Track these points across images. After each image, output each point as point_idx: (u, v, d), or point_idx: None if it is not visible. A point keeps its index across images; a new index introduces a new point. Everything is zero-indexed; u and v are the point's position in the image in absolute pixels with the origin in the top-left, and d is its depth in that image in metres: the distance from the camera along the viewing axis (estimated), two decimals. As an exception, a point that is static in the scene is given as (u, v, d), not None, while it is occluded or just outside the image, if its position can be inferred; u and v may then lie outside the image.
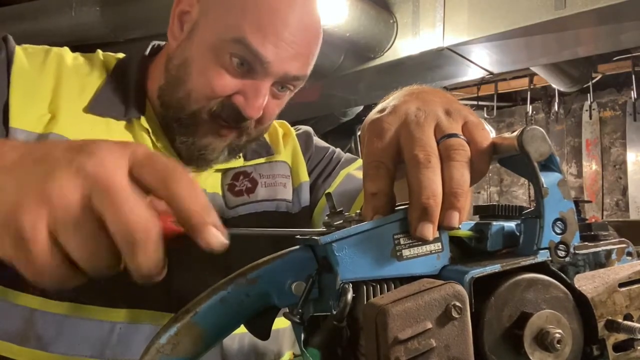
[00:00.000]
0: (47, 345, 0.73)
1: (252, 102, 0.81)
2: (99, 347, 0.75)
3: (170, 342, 0.45)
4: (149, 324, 0.77)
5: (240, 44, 0.78)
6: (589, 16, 2.22)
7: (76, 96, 0.81)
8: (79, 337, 0.75)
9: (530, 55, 2.83)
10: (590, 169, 4.44)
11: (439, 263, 0.46)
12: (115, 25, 2.48)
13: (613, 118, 4.39)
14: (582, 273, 0.47)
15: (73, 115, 0.79)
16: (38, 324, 0.73)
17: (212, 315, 0.46)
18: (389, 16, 2.75)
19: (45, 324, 0.74)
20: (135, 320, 0.77)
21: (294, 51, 0.81)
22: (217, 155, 0.86)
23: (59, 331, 0.74)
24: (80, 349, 0.75)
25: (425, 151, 0.47)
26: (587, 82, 4.10)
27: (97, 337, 0.75)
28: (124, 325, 0.76)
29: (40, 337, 0.73)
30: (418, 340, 0.39)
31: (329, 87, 3.31)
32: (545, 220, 0.46)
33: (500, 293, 0.43)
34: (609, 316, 0.45)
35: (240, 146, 0.88)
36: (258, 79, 0.81)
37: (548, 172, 0.47)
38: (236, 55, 0.79)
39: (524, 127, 0.47)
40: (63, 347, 0.74)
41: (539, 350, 0.42)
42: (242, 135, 0.86)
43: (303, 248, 0.48)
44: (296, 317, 0.46)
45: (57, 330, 0.74)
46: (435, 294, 0.40)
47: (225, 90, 0.80)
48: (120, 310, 0.77)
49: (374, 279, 0.45)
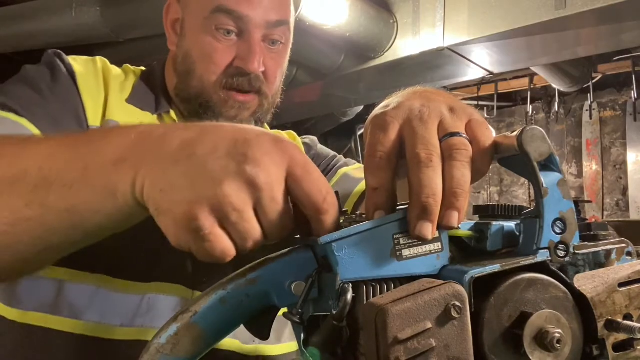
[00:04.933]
0: (80, 314, 0.78)
1: (249, 57, 0.90)
2: (130, 316, 0.80)
3: (170, 342, 0.45)
4: (175, 296, 0.82)
5: (219, 12, 0.89)
6: (589, 16, 2.22)
7: (119, 92, 0.93)
8: (109, 307, 0.79)
9: (530, 55, 2.83)
10: (591, 169, 4.44)
11: (439, 263, 0.46)
12: (115, 25, 2.48)
13: (613, 118, 4.39)
14: (582, 273, 0.47)
15: (119, 105, 0.90)
16: (70, 295, 0.79)
17: (211, 315, 0.46)
18: (389, 16, 2.75)
19: (77, 294, 0.79)
20: (163, 292, 0.82)
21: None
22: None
23: (91, 301, 0.79)
24: (111, 318, 0.79)
25: (428, 150, 0.47)
26: (587, 82, 4.10)
27: (128, 307, 0.80)
28: (153, 296, 0.81)
29: (72, 307, 0.78)
30: (418, 340, 0.39)
31: (329, 87, 3.31)
32: (545, 220, 0.46)
33: (500, 293, 0.43)
34: (609, 316, 0.45)
35: (263, 113, 0.97)
36: (246, 37, 0.91)
37: (548, 172, 0.47)
38: (221, 26, 0.90)
39: (524, 127, 0.47)
40: (95, 316, 0.79)
41: (539, 350, 0.42)
42: (261, 99, 0.94)
43: (303, 248, 0.48)
44: (296, 317, 0.46)
45: (88, 301, 0.79)
46: (435, 294, 0.40)
47: (224, 58, 0.91)
48: (150, 284, 0.81)
49: (373, 279, 0.45)
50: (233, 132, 0.47)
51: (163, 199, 0.45)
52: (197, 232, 0.44)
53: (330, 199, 0.47)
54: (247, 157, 0.44)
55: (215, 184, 0.44)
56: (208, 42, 0.91)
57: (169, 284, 0.82)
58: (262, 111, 0.96)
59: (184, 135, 0.47)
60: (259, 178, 0.44)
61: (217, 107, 0.92)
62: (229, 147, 0.45)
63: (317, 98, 3.45)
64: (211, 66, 0.91)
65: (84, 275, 0.79)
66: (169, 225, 0.45)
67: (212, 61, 0.91)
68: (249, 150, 0.45)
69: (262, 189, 0.44)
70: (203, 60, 0.92)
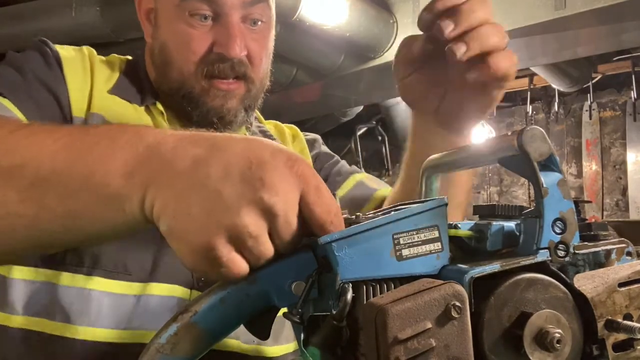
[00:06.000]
0: (74, 319, 0.76)
1: (229, 42, 0.85)
2: (126, 318, 0.78)
3: (170, 342, 0.45)
4: (174, 296, 0.81)
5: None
6: (589, 16, 2.22)
7: (104, 83, 0.89)
8: (104, 310, 0.77)
9: (530, 55, 2.83)
10: (590, 169, 4.44)
11: (439, 263, 0.46)
12: (115, 25, 2.48)
13: (613, 118, 4.39)
14: (582, 273, 0.47)
15: (104, 96, 0.87)
16: (63, 298, 0.76)
17: (211, 315, 0.46)
18: (389, 16, 2.75)
19: (70, 298, 0.77)
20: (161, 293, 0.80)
21: None
22: (234, 114, 0.90)
23: (85, 305, 0.77)
24: (107, 321, 0.77)
25: None
26: (587, 82, 4.10)
27: (123, 310, 0.78)
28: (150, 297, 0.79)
29: (65, 311, 0.76)
30: (418, 340, 0.39)
31: (329, 87, 3.31)
32: (545, 220, 0.46)
33: (499, 293, 0.43)
34: (609, 316, 0.45)
35: (252, 99, 0.92)
36: (223, 20, 0.85)
37: (548, 172, 0.47)
38: (195, 11, 0.85)
39: (524, 127, 0.47)
40: (89, 320, 0.76)
41: (539, 350, 0.42)
42: (248, 85, 0.90)
43: (303, 248, 0.48)
44: (296, 317, 0.46)
45: (83, 305, 0.77)
46: (435, 294, 0.40)
47: (202, 45, 0.86)
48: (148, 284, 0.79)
49: (373, 279, 0.45)
50: (246, 151, 0.45)
51: (177, 225, 0.44)
52: (214, 259, 0.44)
53: (337, 219, 0.47)
54: (264, 184, 0.43)
55: (232, 214, 0.43)
56: (182, 29, 0.85)
57: (167, 284, 0.81)
58: (250, 97, 0.91)
59: (194, 152, 0.46)
60: (276, 206, 0.44)
61: (201, 98, 0.88)
62: (243, 170, 0.44)
63: (317, 98, 3.46)
64: (189, 55, 0.86)
65: (78, 278, 0.78)
66: (185, 252, 0.45)
67: (189, 49, 0.86)
68: (265, 175, 0.44)
69: (279, 215, 0.44)
70: (180, 50, 0.87)
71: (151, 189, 0.45)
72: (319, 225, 0.46)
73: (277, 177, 0.44)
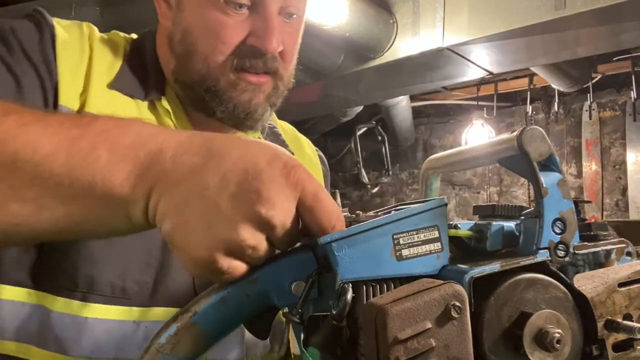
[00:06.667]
0: (68, 349, 0.70)
1: (267, 35, 0.77)
2: (125, 347, 0.72)
3: (170, 342, 0.45)
4: None
5: None
6: (589, 16, 2.22)
7: (105, 72, 0.80)
8: (101, 339, 0.72)
9: (530, 55, 2.83)
10: (590, 169, 4.43)
11: (439, 263, 0.46)
12: (115, 25, 2.48)
13: (613, 118, 4.39)
14: (582, 273, 0.47)
15: (101, 91, 0.77)
16: (57, 326, 0.71)
17: (211, 315, 0.46)
18: (389, 16, 2.74)
19: (64, 326, 0.71)
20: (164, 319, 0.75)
21: None
22: (262, 111, 0.83)
23: (80, 334, 0.71)
24: (103, 352, 0.72)
25: None
26: (587, 82, 4.10)
27: (122, 338, 0.73)
28: (150, 324, 0.74)
29: (59, 340, 0.71)
30: (417, 340, 0.39)
31: (329, 87, 3.31)
32: (545, 220, 0.46)
33: (499, 293, 0.43)
34: (609, 316, 0.45)
35: (277, 97, 0.85)
36: (261, 10, 0.78)
37: (548, 172, 0.47)
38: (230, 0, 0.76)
39: (524, 127, 0.47)
40: (85, 351, 0.71)
41: (539, 350, 0.42)
42: (276, 82, 0.83)
43: (303, 248, 0.48)
44: (296, 317, 0.46)
45: (77, 333, 0.71)
46: (435, 294, 0.40)
47: (235, 36, 0.78)
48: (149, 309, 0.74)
49: (373, 279, 0.45)
50: (242, 159, 0.45)
51: (177, 237, 0.45)
52: (215, 270, 0.45)
53: (339, 223, 0.47)
54: (261, 197, 0.43)
55: (231, 228, 0.43)
56: (214, 16, 0.77)
57: (169, 308, 0.75)
58: (276, 94, 0.84)
59: (191, 160, 0.45)
60: (274, 219, 0.44)
61: (227, 92, 0.79)
62: (239, 181, 0.44)
63: (317, 98, 3.45)
64: (218, 45, 0.77)
65: (72, 304, 0.71)
66: (187, 262, 0.45)
67: (219, 39, 0.77)
68: (262, 187, 0.43)
69: (276, 226, 0.44)
70: (208, 38, 0.78)
71: (153, 196, 0.45)
72: (319, 230, 0.46)
73: (273, 189, 0.44)
